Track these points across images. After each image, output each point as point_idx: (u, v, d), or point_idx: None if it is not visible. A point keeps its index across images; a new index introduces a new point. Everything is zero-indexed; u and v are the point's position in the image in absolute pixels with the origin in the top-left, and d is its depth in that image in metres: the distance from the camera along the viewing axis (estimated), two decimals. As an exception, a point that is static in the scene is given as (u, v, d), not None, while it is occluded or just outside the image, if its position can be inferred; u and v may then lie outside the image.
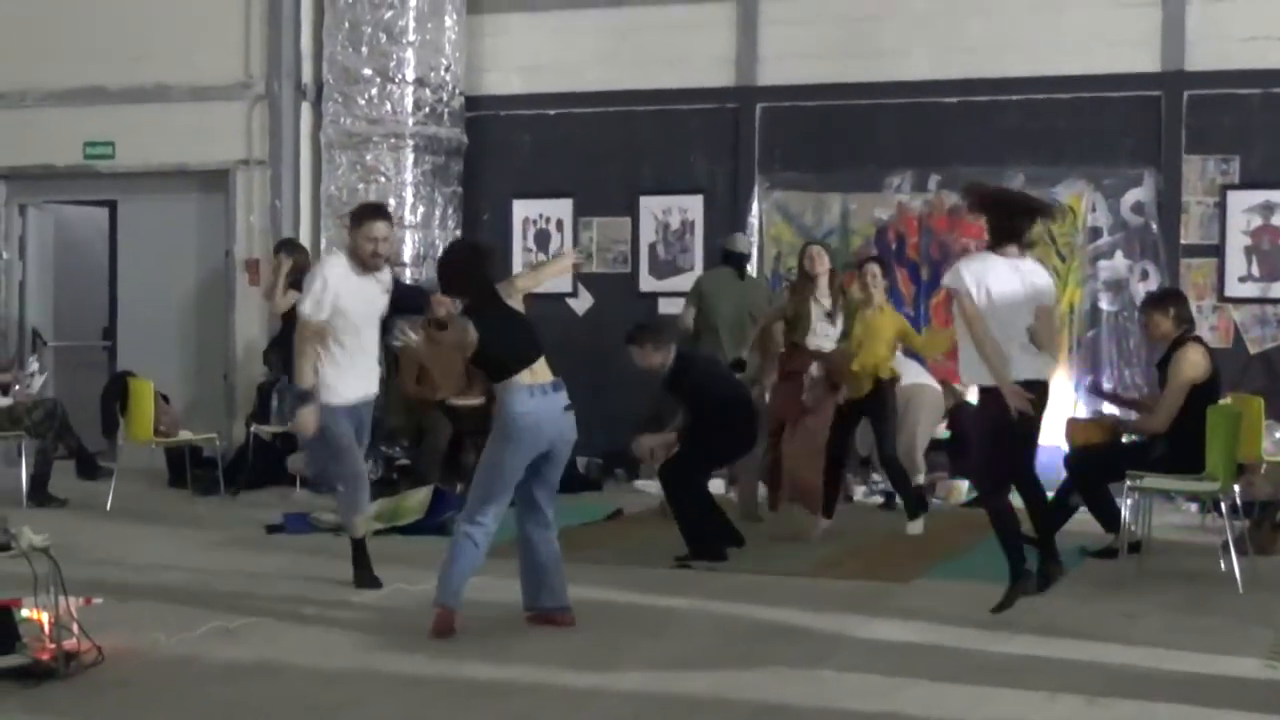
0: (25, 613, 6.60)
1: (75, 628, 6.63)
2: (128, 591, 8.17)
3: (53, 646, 6.50)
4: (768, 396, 10.85)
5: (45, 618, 6.54)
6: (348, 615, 7.93)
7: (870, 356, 10.34)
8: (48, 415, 12.25)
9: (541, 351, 7.39)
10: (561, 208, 13.99)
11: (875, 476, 12.17)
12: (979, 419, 8.41)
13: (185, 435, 12.20)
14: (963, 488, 11.91)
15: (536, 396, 7.25)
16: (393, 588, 8.49)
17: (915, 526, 10.52)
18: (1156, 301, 9.86)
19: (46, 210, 15.53)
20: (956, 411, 11.95)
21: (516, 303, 7.52)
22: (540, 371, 7.33)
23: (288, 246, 12.50)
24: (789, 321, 10.55)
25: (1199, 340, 9.58)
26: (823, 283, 10.42)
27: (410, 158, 13.63)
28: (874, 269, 10.62)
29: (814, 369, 10.19)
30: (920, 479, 11.42)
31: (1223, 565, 8.89)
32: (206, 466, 12.35)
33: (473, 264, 7.66)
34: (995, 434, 8.08)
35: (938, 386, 11.92)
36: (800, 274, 10.68)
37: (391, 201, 13.59)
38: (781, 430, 10.49)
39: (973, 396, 9.43)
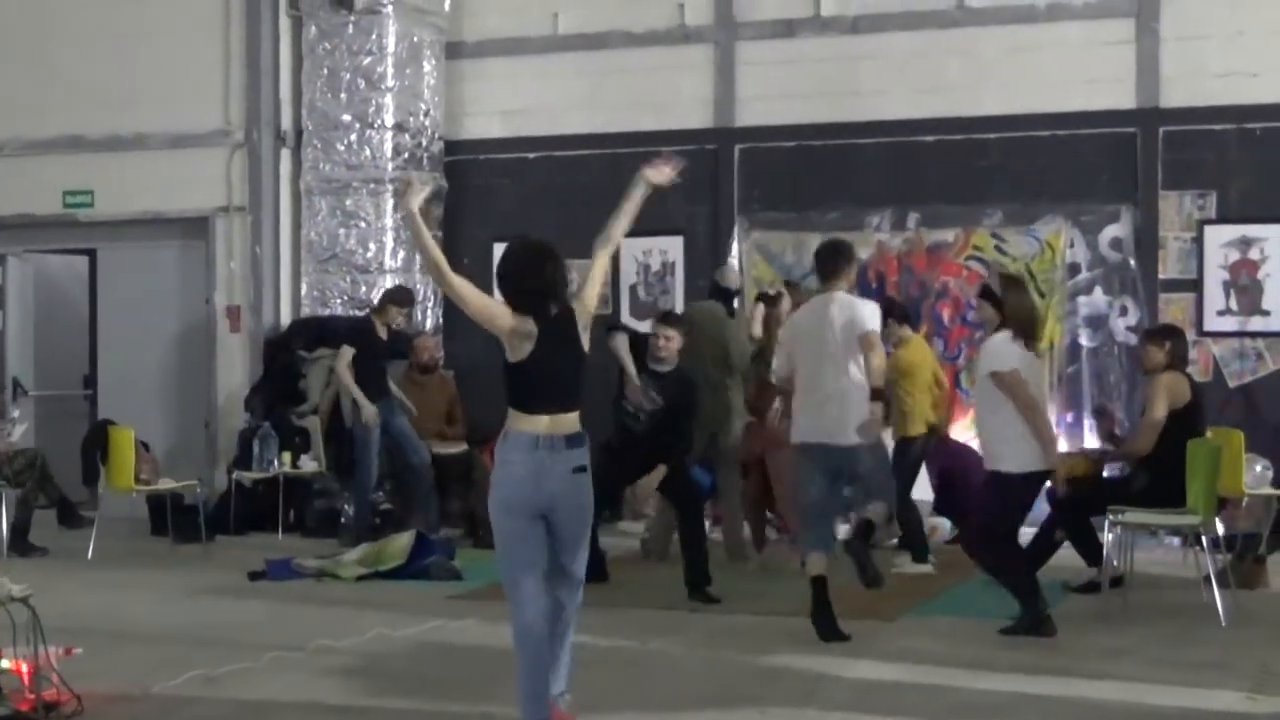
0: (5, 663, 6.58)
1: (55, 678, 6.60)
2: (108, 640, 8.13)
3: (32, 697, 6.46)
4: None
5: (25, 668, 6.51)
6: (330, 662, 7.90)
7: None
8: (29, 464, 12.18)
9: (569, 403, 6.28)
10: (542, 251, 13.96)
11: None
12: (996, 499, 8.52)
13: (166, 483, 12.16)
14: (945, 525, 11.89)
15: (542, 449, 6.12)
16: (374, 633, 8.46)
17: (925, 567, 10.53)
18: (1154, 334, 9.94)
19: (26, 259, 15.49)
20: (934, 451, 11.93)
21: (584, 325, 6.48)
22: (560, 423, 6.20)
23: None
24: (754, 360, 10.78)
25: (1179, 371, 9.61)
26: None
27: (390, 203, 13.64)
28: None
29: (777, 403, 10.19)
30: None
31: (1205, 599, 8.89)
32: (188, 514, 12.30)
33: (525, 269, 6.48)
34: (1012, 512, 8.49)
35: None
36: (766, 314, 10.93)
37: (371, 246, 13.65)
38: (758, 466, 10.62)
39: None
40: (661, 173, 6.63)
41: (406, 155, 13.71)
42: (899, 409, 10.53)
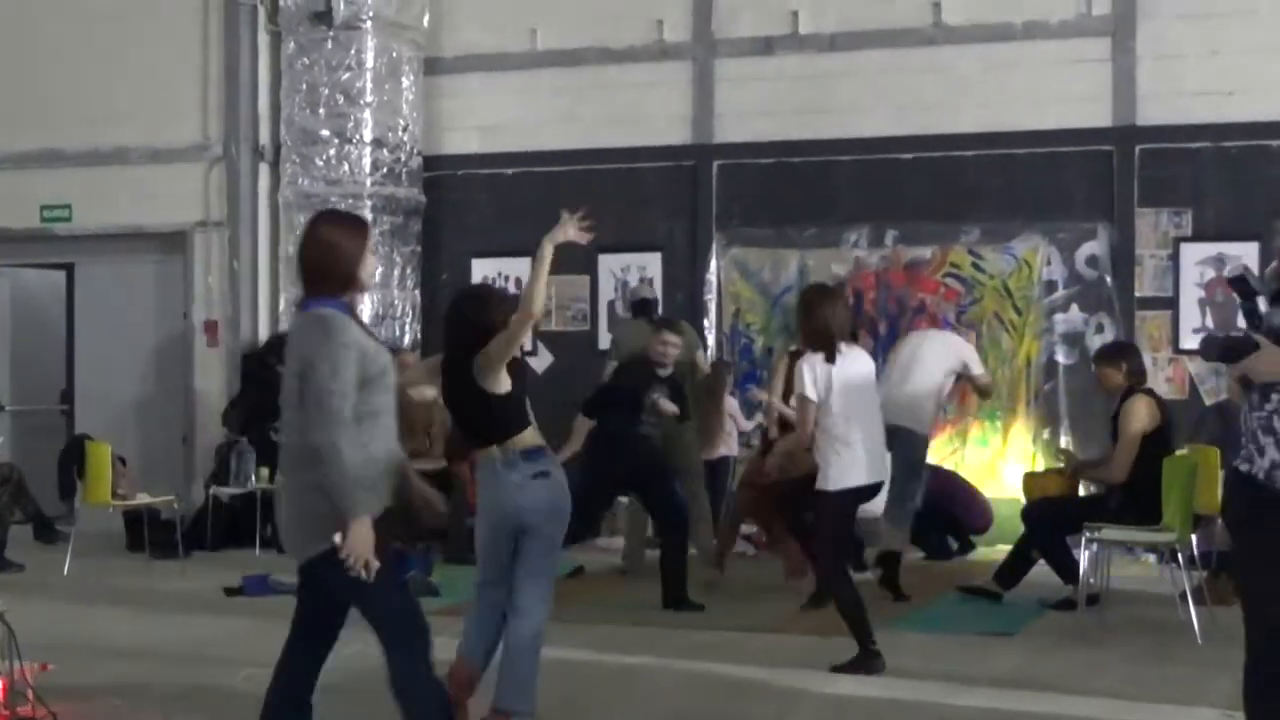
0: (-20, 679, 6.55)
1: (30, 694, 6.57)
2: (84, 657, 8.11)
3: (7, 713, 6.44)
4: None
5: (0, 684, 6.48)
6: (307, 678, 7.86)
7: None
8: (4, 480, 12.17)
9: (502, 432, 6.50)
10: (520, 266, 13.86)
11: None
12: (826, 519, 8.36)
13: (143, 498, 12.13)
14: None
15: (500, 470, 6.49)
16: (352, 649, 8.42)
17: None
18: (1107, 355, 9.99)
19: (3, 274, 15.46)
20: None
21: (490, 377, 6.48)
22: (516, 442, 6.49)
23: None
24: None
25: (1148, 391, 9.68)
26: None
27: (368, 218, 13.62)
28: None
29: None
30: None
31: (1181, 616, 8.92)
32: (165, 529, 12.27)
33: (453, 316, 6.71)
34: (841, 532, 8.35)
35: None
36: None
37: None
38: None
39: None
40: (566, 231, 6.63)
41: (385, 170, 13.72)
42: None
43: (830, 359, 7.98)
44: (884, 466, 8.36)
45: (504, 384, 6.45)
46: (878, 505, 9.83)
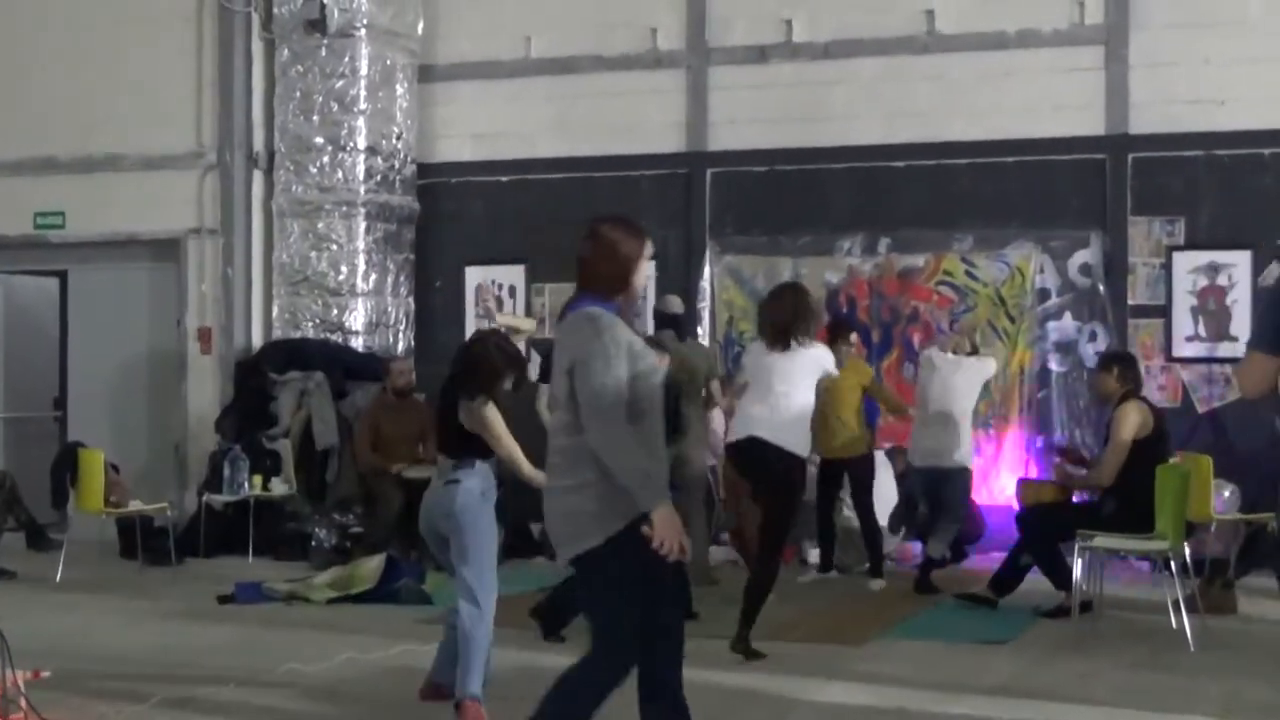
0: (-28, 687, 6.53)
1: (23, 702, 6.56)
2: (77, 664, 8.09)
3: (0, 721, 6.43)
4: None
5: (-8, 692, 6.47)
6: (300, 686, 7.87)
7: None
8: (-3, 487, 12.15)
9: (452, 448, 7.18)
10: (514, 274, 14.02)
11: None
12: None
13: (136, 505, 12.11)
14: (914, 550, 11.92)
15: (435, 478, 7.27)
16: (344, 657, 8.44)
17: (877, 584, 10.73)
18: (1102, 362, 10.04)
19: (-3, 280, 15.46)
20: (907, 475, 11.99)
21: (465, 417, 7.18)
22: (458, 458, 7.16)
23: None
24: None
25: (1142, 399, 9.70)
26: None
27: (362, 225, 13.65)
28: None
29: None
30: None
31: (1174, 624, 8.93)
32: (158, 536, 12.26)
33: (470, 355, 7.38)
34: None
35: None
36: None
37: (343, 269, 13.62)
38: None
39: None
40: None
41: (379, 178, 13.72)
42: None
43: (772, 348, 8.66)
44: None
45: (470, 425, 7.12)
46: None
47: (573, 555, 5.22)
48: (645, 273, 5.54)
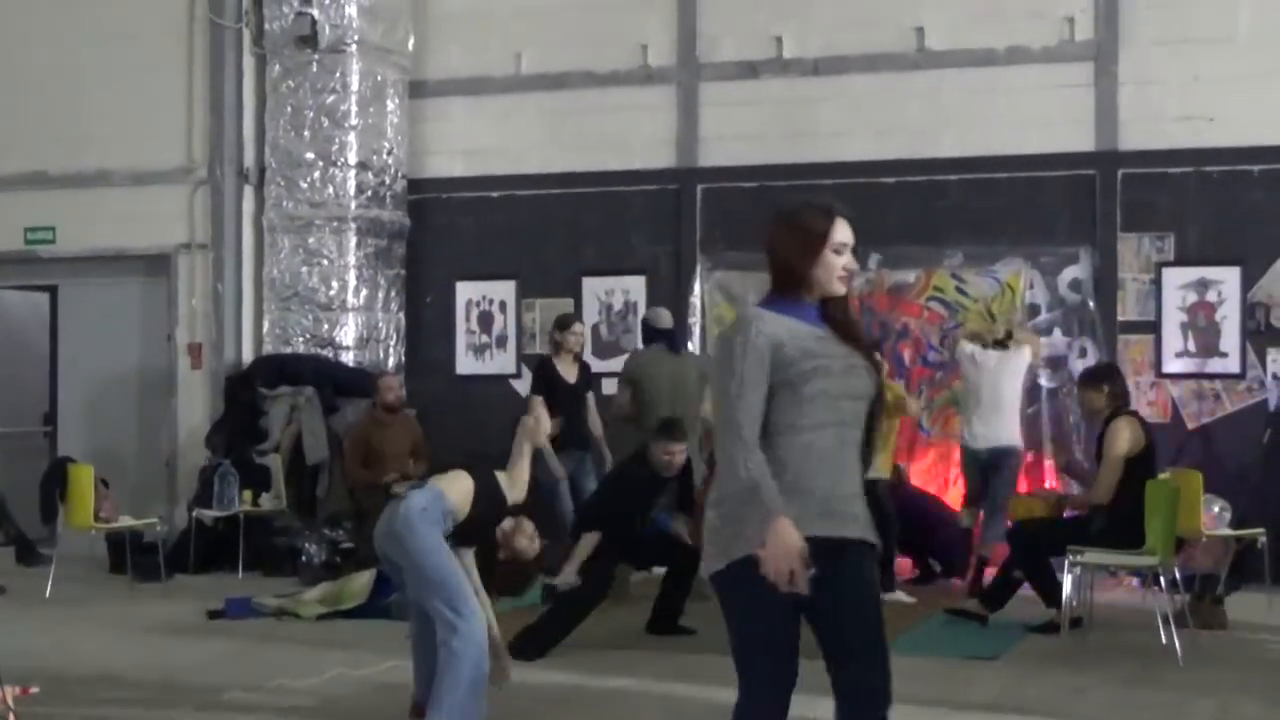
0: (-39, 703, 6.53)
1: (12, 717, 6.55)
2: (66, 680, 8.08)
3: (-11, 737, 6.42)
4: None
5: (-19, 707, 6.47)
6: (290, 701, 7.86)
7: None
8: (-14, 502, 12.15)
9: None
10: (505, 289, 14.03)
11: None
12: None
13: (126, 521, 12.10)
14: (906, 564, 11.93)
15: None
16: (335, 672, 8.43)
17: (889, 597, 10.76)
18: (1090, 378, 10.06)
19: (-13, 295, 15.46)
20: (898, 490, 11.99)
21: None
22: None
23: None
24: None
25: (1132, 414, 9.72)
26: None
27: (353, 241, 13.66)
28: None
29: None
30: None
31: (1164, 640, 8.93)
32: (147, 552, 12.25)
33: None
34: None
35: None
36: None
37: (334, 284, 13.62)
38: None
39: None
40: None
41: (369, 194, 13.73)
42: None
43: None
44: None
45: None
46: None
47: (709, 574, 4.74)
48: (833, 263, 4.80)
